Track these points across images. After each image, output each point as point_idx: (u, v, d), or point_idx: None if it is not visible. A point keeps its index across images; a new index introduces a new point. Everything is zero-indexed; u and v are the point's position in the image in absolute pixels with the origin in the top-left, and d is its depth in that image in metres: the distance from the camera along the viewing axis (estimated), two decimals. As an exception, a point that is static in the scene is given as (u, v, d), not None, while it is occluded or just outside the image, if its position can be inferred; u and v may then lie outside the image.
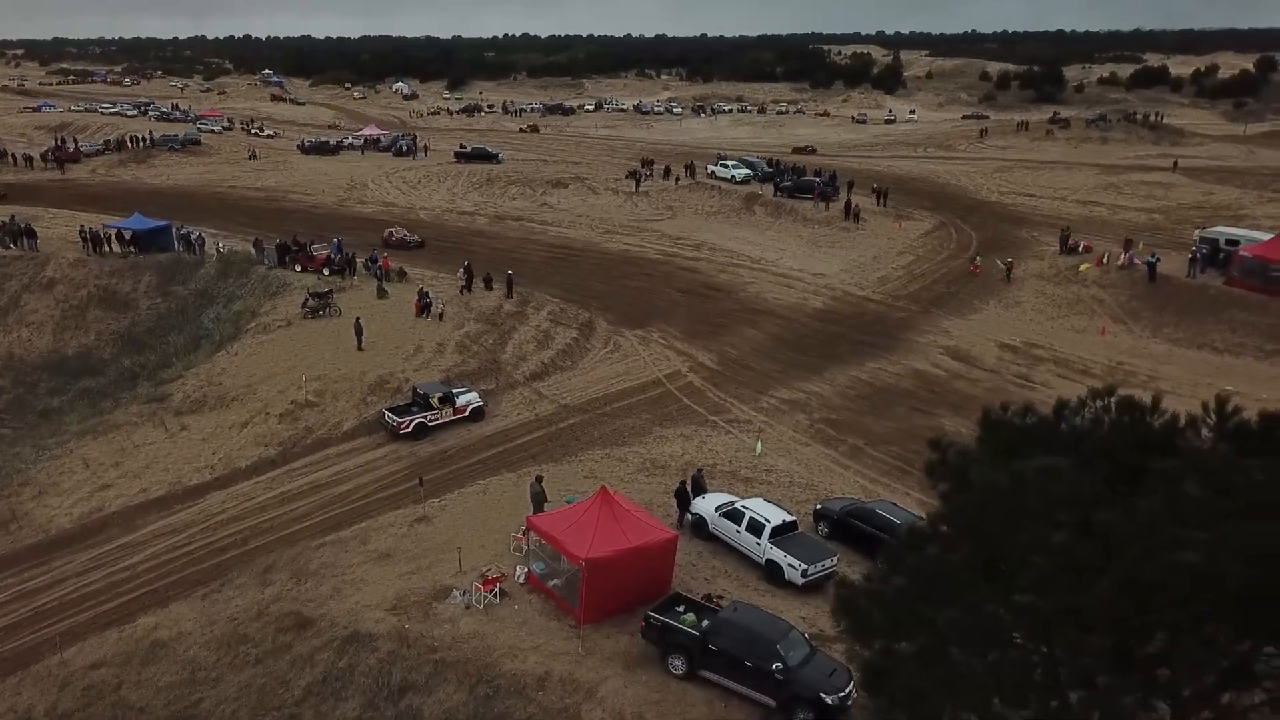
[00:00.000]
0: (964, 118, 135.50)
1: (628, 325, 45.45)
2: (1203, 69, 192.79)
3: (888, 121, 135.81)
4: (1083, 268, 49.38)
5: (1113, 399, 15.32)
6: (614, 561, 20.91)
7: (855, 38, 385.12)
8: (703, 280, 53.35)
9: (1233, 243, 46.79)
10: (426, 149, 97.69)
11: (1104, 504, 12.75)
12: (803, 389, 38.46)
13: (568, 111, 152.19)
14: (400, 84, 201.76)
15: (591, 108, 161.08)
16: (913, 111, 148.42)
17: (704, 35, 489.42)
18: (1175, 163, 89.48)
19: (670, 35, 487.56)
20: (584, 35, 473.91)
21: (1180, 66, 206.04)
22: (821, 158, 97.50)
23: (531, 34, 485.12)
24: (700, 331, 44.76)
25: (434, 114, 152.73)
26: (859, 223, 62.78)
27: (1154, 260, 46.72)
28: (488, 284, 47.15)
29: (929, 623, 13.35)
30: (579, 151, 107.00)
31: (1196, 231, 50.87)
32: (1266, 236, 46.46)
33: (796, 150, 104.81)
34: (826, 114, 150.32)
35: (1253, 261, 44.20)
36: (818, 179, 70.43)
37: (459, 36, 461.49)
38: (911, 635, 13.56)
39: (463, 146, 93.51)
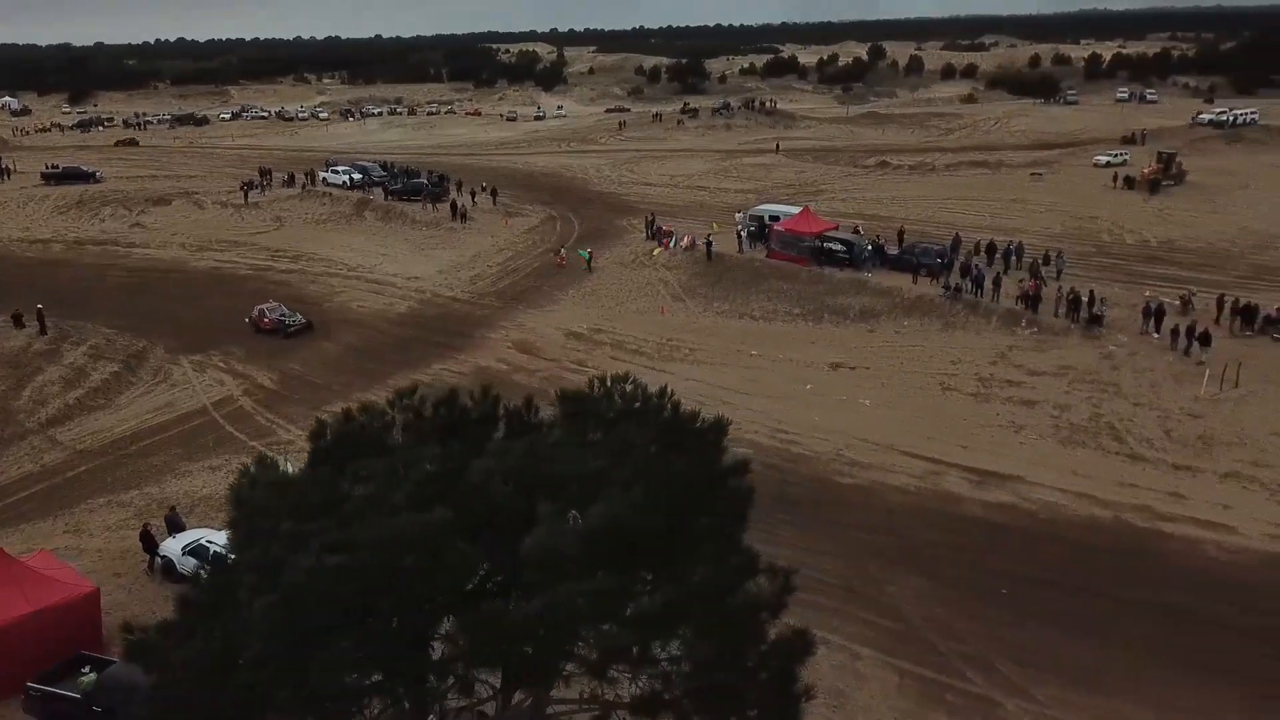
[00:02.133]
0: (607, 111, 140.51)
1: (188, 351, 42.43)
2: (825, 57, 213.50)
3: (537, 119, 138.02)
4: (655, 252, 52.19)
5: (415, 398, 15.71)
6: (3, 632, 18.75)
7: (530, 35, 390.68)
8: (291, 293, 50.88)
9: (775, 218, 51.28)
10: (9, 172, 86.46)
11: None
12: (360, 399, 37.25)
13: (200, 121, 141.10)
14: (9, 99, 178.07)
15: (228, 116, 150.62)
16: (560, 108, 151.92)
17: (378, 36, 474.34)
18: (778, 145, 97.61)
19: (344, 37, 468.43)
20: (248, 39, 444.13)
21: (810, 56, 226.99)
22: (447, 157, 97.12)
23: (189, 39, 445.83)
24: (267, 350, 42.57)
25: (44, 131, 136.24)
26: (465, 222, 62.80)
27: (710, 241, 50.24)
28: (17, 321, 42.09)
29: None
30: (203, 164, 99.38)
31: (738, 215, 55.10)
32: (797, 210, 51.44)
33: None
34: (478, 113, 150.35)
35: (787, 235, 48.69)
36: (425, 181, 69.82)
37: (101, 44, 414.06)
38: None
39: (52, 167, 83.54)
